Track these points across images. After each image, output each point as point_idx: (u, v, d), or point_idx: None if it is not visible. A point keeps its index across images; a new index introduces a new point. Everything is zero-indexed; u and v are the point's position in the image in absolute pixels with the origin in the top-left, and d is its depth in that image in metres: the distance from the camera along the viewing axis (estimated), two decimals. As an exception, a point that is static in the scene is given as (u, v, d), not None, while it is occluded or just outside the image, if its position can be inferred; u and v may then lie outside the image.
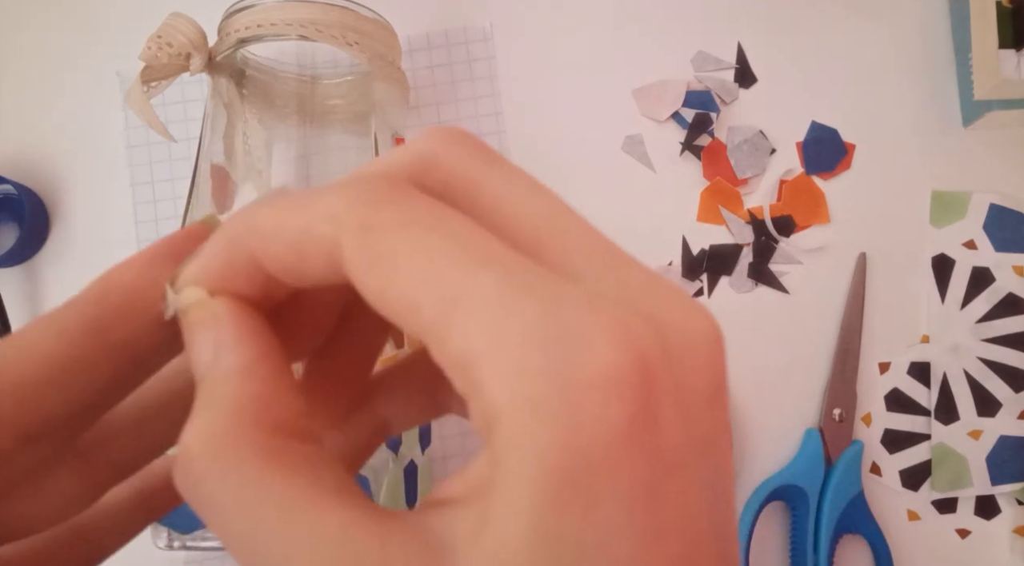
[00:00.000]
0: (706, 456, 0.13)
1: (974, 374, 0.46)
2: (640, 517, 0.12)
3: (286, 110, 0.36)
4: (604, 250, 0.14)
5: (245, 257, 0.15)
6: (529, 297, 0.12)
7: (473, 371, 0.12)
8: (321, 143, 0.36)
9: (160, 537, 0.32)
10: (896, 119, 0.48)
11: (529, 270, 0.12)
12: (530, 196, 0.15)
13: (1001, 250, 0.47)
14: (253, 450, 0.13)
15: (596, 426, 0.11)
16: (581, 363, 0.11)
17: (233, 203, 0.34)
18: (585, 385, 0.11)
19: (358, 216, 0.13)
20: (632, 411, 0.11)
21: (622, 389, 0.11)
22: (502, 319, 0.12)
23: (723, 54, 0.49)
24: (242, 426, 0.14)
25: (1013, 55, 0.46)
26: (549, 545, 0.11)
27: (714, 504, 0.13)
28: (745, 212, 0.47)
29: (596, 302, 0.12)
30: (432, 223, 0.13)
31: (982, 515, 0.45)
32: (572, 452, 0.11)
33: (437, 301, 0.12)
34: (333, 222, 0.13)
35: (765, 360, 0.46)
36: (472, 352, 0.12)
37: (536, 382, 0.11)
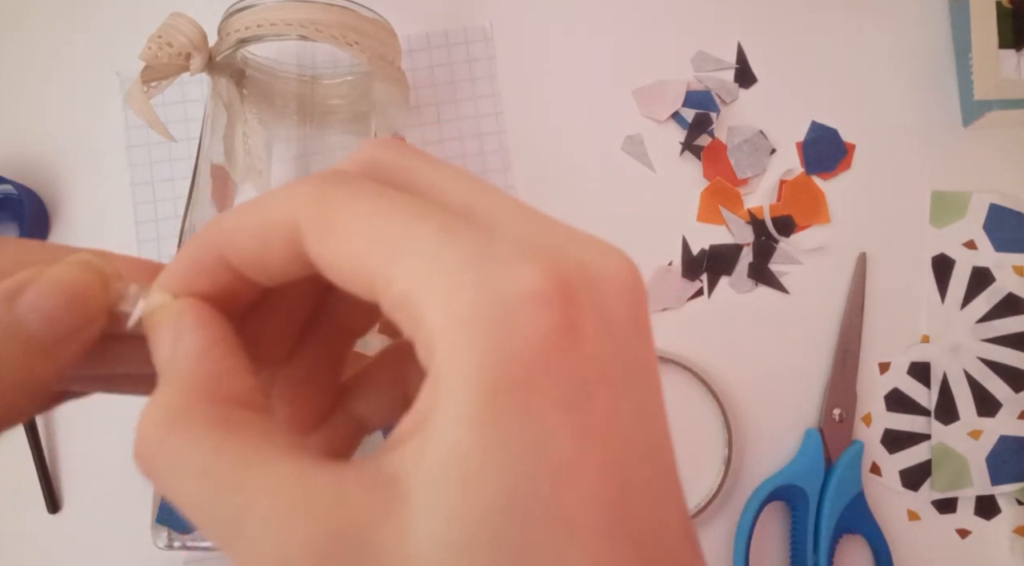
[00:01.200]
0: (632, 379, 0.14)
1: (974, 374, 0.46)
2: (573, 418, 0.12)
3: (286, 110, 0.36)
4: (529, 213, 0.16)
5: (211, 257, 0.16)
6: (461, 239, 0.13)
7: (414, 306, 0.13)
8: (321, 143, 0.36)
9: (160, 537, 0.32)
10: (896, 119, 0.48)
11: (461, 222, 0.14)
12: (459, 178, 0.16)
13: (1001, 250, 0.47)
14: (206, 419, 0.14)
15: (525, 335, 0.12)
16: (508, 283, 0.13)
17: (233, 203, 0.34)
18: (513, 301, 0.13)
19: (313, 197, 0.15)
20: (557, 320, 0.13)
21: (547, 302, 0.13)
22: (437, 256, 0.13)
23: (723, 54, 0.49)
24: (196, 400, 0.15)
25: (1013, 55, 0.46)
26: (490, 449, 0.12)
27: (644, 424, 0.14)
28: (745, 212, 0.47)
29: (521, 241, 0.14)
30: (377, 193, 0.15)
31: (982, 515, 0.45)
32: (505, 360, 0.12)
33: (382, 251, 0.14)
34: (292, 205, 0.15)
35: (765, 360, 0.46)
36: (412, 289, 0.13)
37: (468, 303, 0.13)
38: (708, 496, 0.45)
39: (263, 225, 0.15)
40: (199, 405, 0.15)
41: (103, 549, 0.44)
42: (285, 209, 0.15)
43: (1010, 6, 0.46)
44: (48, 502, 0.44)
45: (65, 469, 0.45)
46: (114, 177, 0.47)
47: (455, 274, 0.13)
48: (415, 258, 0.13)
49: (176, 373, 0.15)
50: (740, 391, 0.46)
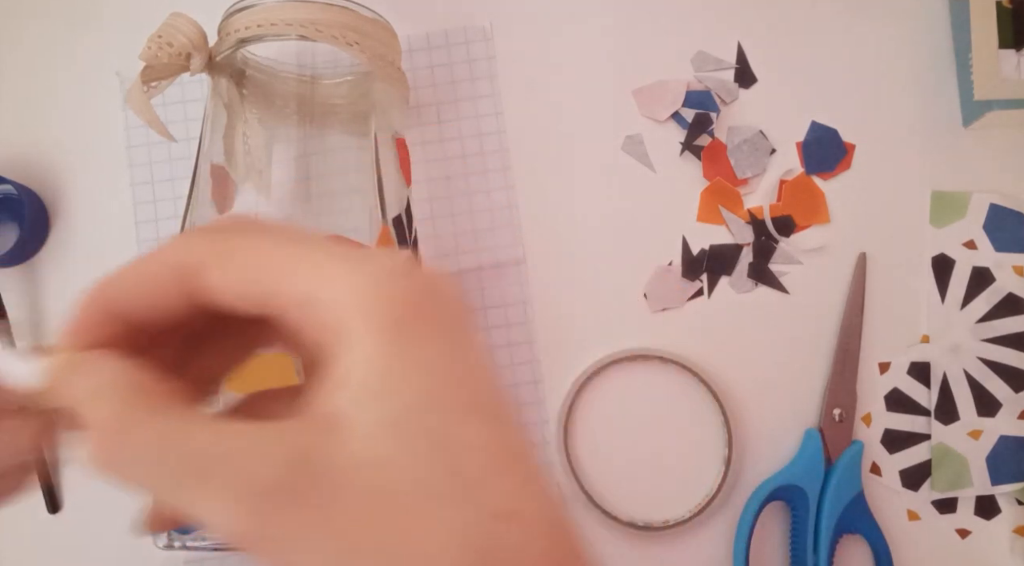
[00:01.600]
0: (454, 322, 0.18)
1: (974, 374, 0.46)
2: (438, 342, 0.18)
3: (286, 110, 0.36)
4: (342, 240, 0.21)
5: (98, 312, 0.19)
6: (331, 250, 0.18)
7: (314, 300, 0.18)
8: (321, 143, 0.36)
9: (160, 537, 0.32)
10: (896, 119, 0.48)
11: (331, 244, 0.19)
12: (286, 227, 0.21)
13: (1001, 250, 0.47)
14: (149, 414, 0.17)
15: (397, 293, 0.17)
16: (376, 268, 0.18)
17: (233, 203, 0.34)
18: (383, 276, 0.17)
19: (208, 240, 0.19)
20: (415, 283, 0.18)
21: (404, 273, 0.18)
22: (322, 264, 0.18)
23: (723, 54, 0.49)
24: (136, 403, 0.18)
25: (1013, 55, 0.46)
26: (396, 366, 0.17)
27: (469, 346, 0.18)
28: (745, 212, 0.47)
29: (363, 249, 0.20)
30: (257, 230, 0.19)
31: (982, 515, 0.45)
32: (389, 310, 0.17)
33: (275, 272, 0.18)
34: (187, 251, 0.19)
35: (765, 360, 0.46)
36: (311, 289, 0.18)
37: (356, 283, 0.17)
38: (708, 496, 0.45)
39: (154, 272, 0.19)
40: (139, 405, 0.17)
41: (103, 549, 0.44)
42: (179, 255, 0.19)
43: (1010, 6, 0.46)
44: (48, 502, 0.44)
45: (65, 469, 0.45)
46: (114, 177, 0.47)
47: (341, 270, 0.18)
48: (307, 269, 0.18)
49: (106, 392, 0.18)
50: (740, 391, 0.46)
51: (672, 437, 0.46)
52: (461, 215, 0.46)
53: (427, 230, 0.46)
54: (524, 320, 0.46)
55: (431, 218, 0.46)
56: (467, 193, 0.47)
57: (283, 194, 0.35)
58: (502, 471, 0.17)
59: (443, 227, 0.46)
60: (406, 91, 0.41)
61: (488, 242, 0.46)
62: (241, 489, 0.16)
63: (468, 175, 0.47)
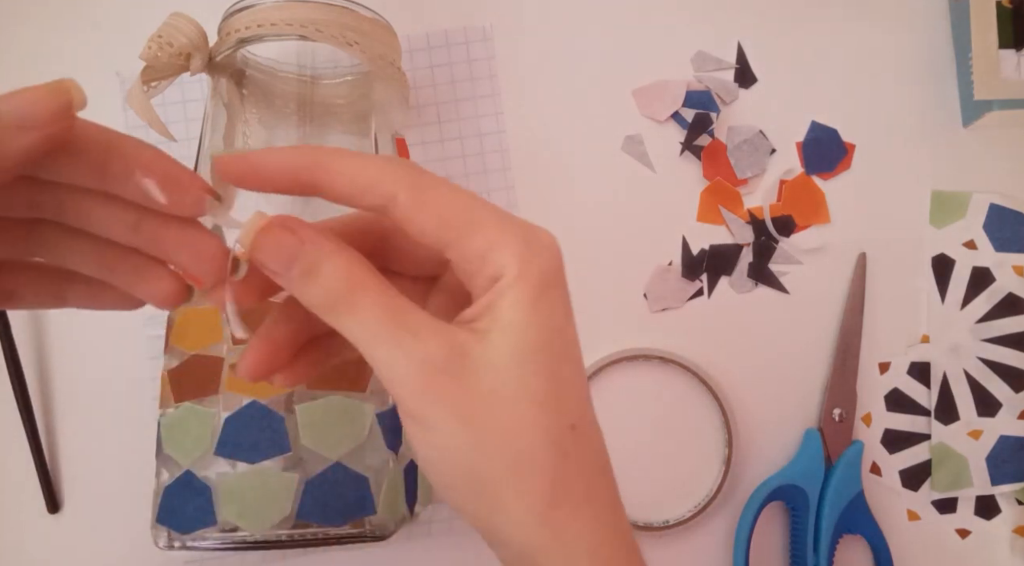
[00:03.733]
0: (569, 298, 0.24)
1: (974, 374, 0.46)
2: (565, 307, 0.24)
3: (286, 110, 0.36)
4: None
5: (307, 185, 0.23)
6: (508, 216, 0.24)
7: (489, 253, 0.23)
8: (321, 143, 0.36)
9: (160, 537, 0.32)
10: (896, 119, 0.48)
11: (504, 211, 0.24)
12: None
13: (1001, 250, 0.47)
14: (375, 274, 0.23)
15: (550, 266, 0.23)
16: (539, 241, 0.24)
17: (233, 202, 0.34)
18: (543, 250, 0.23)
19: (411, 177, 0.23)
20: (560, 260, 0.24)
21: (556, 251, 0.24)
22: (501, 227, 0.23)
23: (723, 54, 0.49)
24: (364, 264, 0.23)
25: (1013, 55, 0.46)
26: (534, 315, 0.23)
27: (572, 320, 0.24)
28: (745, 212, 0.47)
29: (537, 228, 0.24)
30: (450, 184, 0.24)
31: (982, 515, 0.45)
32: (542, 276, 0.23)
33: (463, 221, 0.23)
34: (393, 180, 0.23)
35: (765, 360, 0.46)
36: (490, 244, 0.23)
37: (524, 250, 0.23)
38: (708, 496, 0.45)
39: (366, 184, 0.23)
40: (365, 266, 0.23)
41: (103, 549, 0.44)
42: (388, 182, 0.23)
43: (1010, 6, 0.46)
44: (48, 502, 0.44)
45: (65, 469, 0.45)
46: (114, 177, 0.47)
47: (515, 238, 0.23)
48: (492, 227, 0.23)
49: (343, 252, 0.23)
50: (740, 391, 0.46)
51: (672, 437, 0.46)
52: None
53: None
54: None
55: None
56: (467, 193, 0.47)
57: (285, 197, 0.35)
58: (576, 397, 0.24)
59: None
60: (406, 91, 0.41)
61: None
62: (419, 357, 0.22)
63: (468, 175, 0.47)
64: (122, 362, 0.45)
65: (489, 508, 0.23)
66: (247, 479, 0.31)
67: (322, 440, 0.32)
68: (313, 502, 0.31)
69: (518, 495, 0.22)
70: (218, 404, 0.32)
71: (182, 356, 0.33)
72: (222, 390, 0.32)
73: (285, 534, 0.31)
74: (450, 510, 0.43)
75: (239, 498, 0.31)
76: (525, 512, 0.23)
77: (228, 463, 0.32)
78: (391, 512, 0.32)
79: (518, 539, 0.23)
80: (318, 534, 0.32)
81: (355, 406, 0.32)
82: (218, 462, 0.32)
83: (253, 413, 0.31)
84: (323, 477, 0.31)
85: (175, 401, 0.33)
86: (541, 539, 0.23)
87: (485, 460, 0.22)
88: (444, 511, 0.44)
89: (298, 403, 0.32)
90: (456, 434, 0.22)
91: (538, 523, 0.22)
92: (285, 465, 0.31)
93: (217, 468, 0.32)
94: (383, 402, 0.33)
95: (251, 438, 0.31)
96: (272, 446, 0.31)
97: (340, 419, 0.32)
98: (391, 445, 0.33)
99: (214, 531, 0.31)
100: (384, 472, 0.32)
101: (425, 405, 0.22)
